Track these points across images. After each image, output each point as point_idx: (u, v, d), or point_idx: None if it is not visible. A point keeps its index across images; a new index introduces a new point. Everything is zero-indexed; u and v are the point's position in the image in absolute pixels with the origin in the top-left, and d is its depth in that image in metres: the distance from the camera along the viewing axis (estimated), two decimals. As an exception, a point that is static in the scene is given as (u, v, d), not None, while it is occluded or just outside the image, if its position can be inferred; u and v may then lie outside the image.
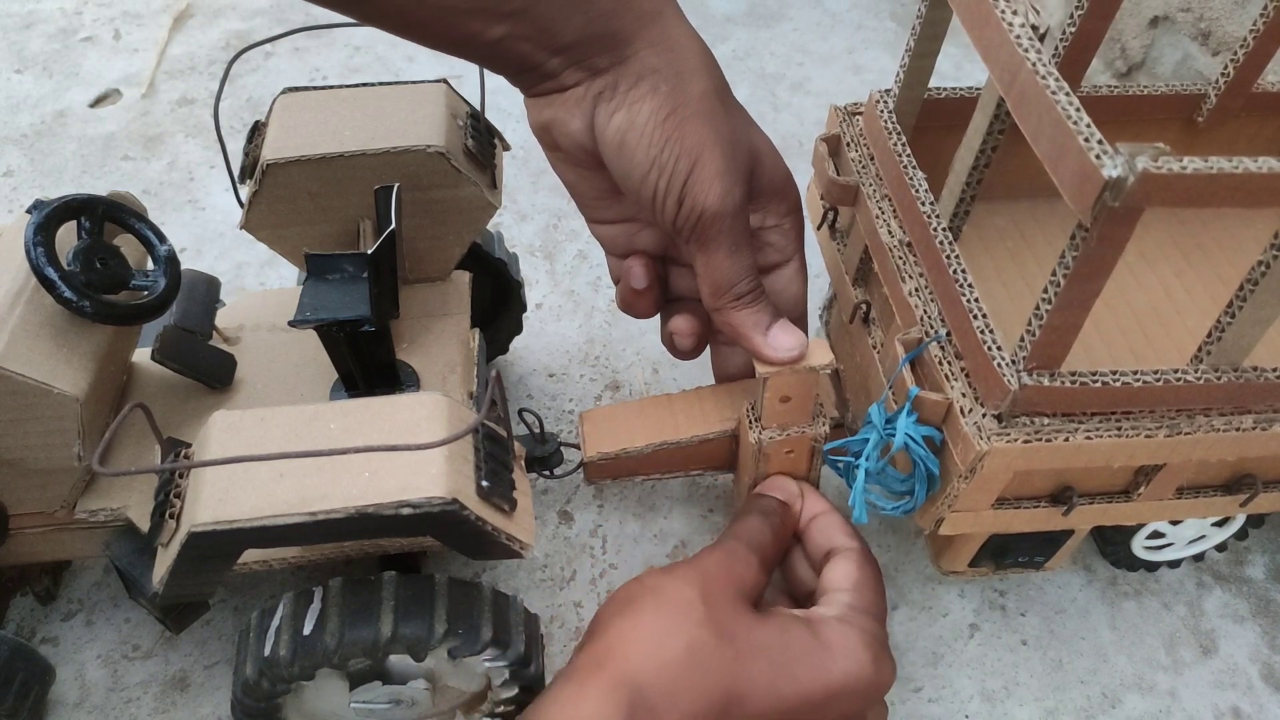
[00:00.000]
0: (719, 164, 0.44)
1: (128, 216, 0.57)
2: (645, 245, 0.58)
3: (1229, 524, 0.71)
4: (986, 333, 0.53)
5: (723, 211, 0.45)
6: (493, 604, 0.56)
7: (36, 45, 1.24)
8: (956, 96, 0.70)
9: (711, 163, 0.43)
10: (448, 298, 0.68)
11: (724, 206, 0.45)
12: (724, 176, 0.44)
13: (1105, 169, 0.40)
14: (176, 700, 0.67)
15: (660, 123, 0.42)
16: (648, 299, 0.60)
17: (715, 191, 0.44)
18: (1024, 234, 0.77)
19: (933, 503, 0.58)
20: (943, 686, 0.70)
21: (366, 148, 0.59)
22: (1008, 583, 0.76)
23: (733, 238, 0.46)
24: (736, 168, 0.45)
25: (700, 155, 0.43)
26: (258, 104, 1.17)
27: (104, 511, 0.58)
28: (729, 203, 0.45)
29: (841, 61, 1.29)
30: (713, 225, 0.45)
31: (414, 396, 0.51)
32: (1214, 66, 1.10)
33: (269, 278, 0.97)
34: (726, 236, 0.45)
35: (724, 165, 0.44)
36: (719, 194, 0.44)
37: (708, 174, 0.44)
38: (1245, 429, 0.53)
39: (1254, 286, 0.49)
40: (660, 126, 0.42)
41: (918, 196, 0.60)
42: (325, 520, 0.46)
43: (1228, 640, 0.73)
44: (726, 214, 0.45)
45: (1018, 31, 0.47)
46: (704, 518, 0.79)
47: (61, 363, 0.53)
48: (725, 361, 0.64)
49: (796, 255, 0.51)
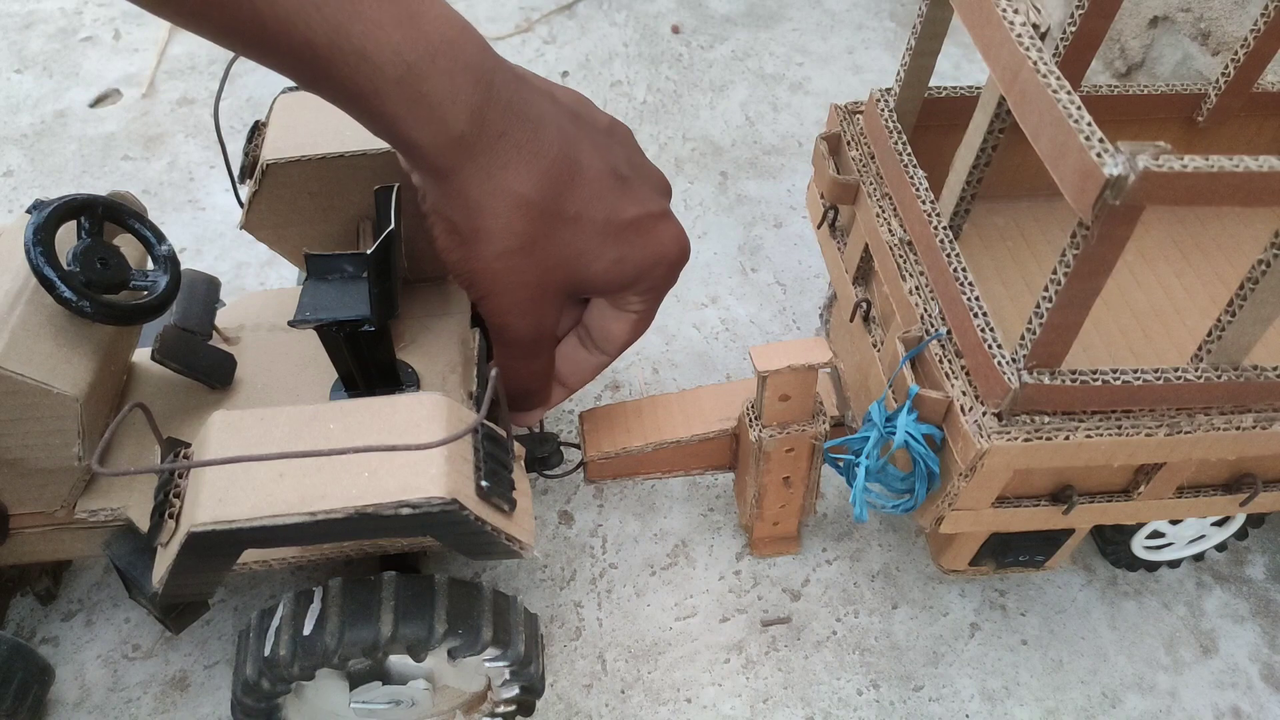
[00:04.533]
0: (503, 303, 0.41)
1: (127, 216, 0.56)
2: None
3: (1229, 524, 0.71)
4: (987, 331, 0.53)
5: (509, 340, 0.43)
6: (493, 604, 0.56)
7: (36, 45, 1.24)
8: (957, 95, 0.70)
9: (496, 300, 0.41)
10: (448, 298, 0.68)
11: (505, 337, 0.43)
12: (508, 314, 0.41)
13: (1106, 167, 0.40)
14: (176, 700, 0.67)
15: (448, 259, 0.41)
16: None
17: (498, 322, 0.42)
18: (1024, 233, 0.77)
19: (933, 501, 0.58)
20: (943, 686, 0.70)
21: (366, 148, 0.59)
22: (1008, 582, 0.76)
23: (522, 352, 0.44)
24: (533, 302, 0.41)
25: (486, 295, 0.41)
26: (258, 104, 1.17)
27: (104, 511, 0.58)
28: (508, 336, 0.43)
29: (841, 61, 1.29)
30: (498, 340, 0.44)
31: (414, 396, 0.51)
32: (1214, 66, 1.10)
33: (269, 278, 0.97)
34: (514, 350, 0.44)
35: (509, 304, 0.41)
36: (499, 327, 0.43)
37: (490, 309, 0.42)
38: (1245, 428, 0.53)
39: (1254, 285, 0.49)
40: (448, 260, 0.41)
41: (918, 195, 0.60)
42: (325, 520, 0.46)
43: (1228, 640, 0.73)
44: (513, 341, 0.43)
45: (1019, 30, 0.47)
46: (704, 517, 0.79)
47: (61, 363, 0.52)
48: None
49: (643, 310, 0.47)
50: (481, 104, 0.35)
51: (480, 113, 0.35)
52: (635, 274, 0.41)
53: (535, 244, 0.38)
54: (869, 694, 0.69)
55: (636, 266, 0.40)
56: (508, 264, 0.38)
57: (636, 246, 0.40)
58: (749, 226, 1.04)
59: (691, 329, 0.93)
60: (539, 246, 0.38)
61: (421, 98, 0.33)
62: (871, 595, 0.74)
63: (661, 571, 0.75)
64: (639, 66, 1.27)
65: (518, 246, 0.38)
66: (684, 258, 0.42)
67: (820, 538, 0.78)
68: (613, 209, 0.39)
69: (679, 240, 0.41)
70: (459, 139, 0.35)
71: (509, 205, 0.36)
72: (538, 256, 0.38)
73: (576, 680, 0.69)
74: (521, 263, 0.38)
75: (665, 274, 0.42)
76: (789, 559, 0.76)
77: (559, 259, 0.39)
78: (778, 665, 0.70)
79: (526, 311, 0.41)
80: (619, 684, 0.69)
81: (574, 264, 0.39)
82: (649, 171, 0.42)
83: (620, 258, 0.40)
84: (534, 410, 0.48)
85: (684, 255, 0.42)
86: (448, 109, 0.34)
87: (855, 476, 0.58)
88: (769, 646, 0.71)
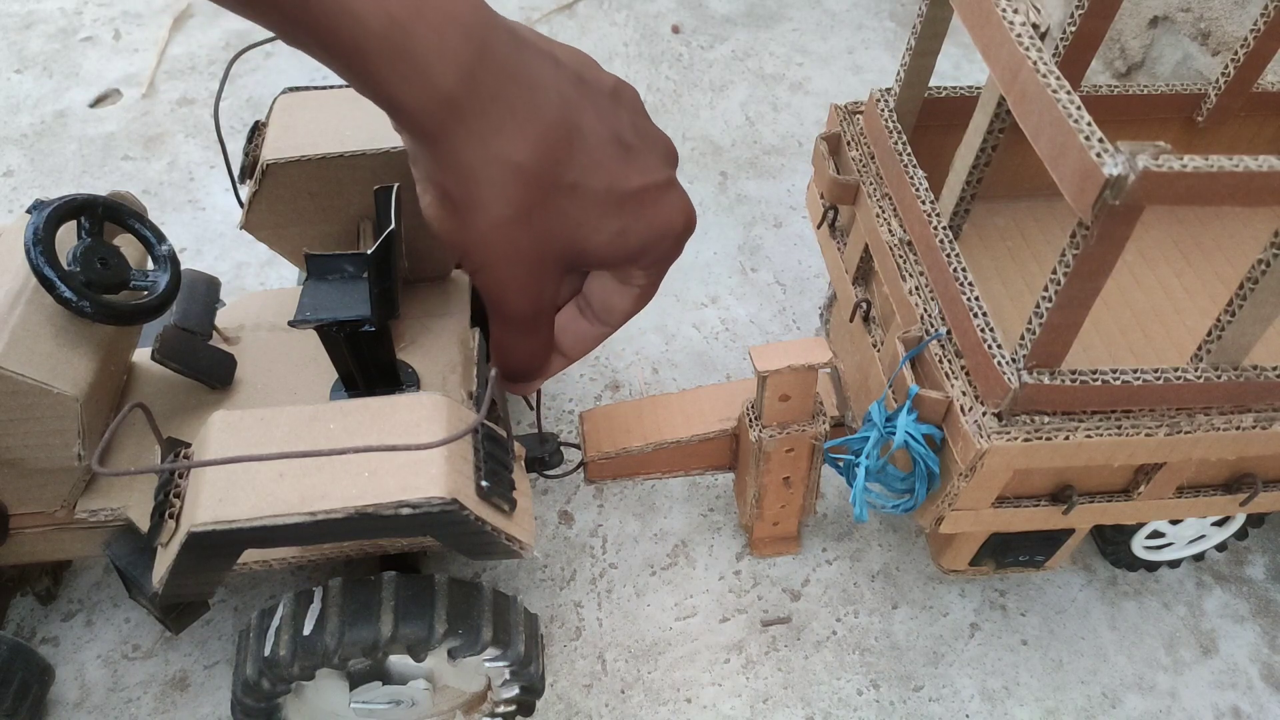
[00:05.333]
0: (499, 275, 0.40)
1: (127, 216, 0.56)
2: None
3: (1229, 523, 0.71)
4: (987, 331, 0.53)
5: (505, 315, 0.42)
6: (493, 604, 0.56)
7: (36, 45, 1.24)
8: (957, 95, 0.70)
9: (492, 272, 0.40)
10: (448, 298, 0.68)
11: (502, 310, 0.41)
12: (505, 287, 0.40)
13: (1106, 167, 0.40)
14: (176, 700, 0.67)
15: (441, 230, 0.39)
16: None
17: (494, 296, 0.41)
18: (1024, 233, 0.77)
19: (933, 501, 0.58)
20: (943, 686, 0.70)
21: (366, 148, 0.59)
22: (1008, 582, 0.76)
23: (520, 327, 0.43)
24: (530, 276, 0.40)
25: (481, 267, 0.40)
26: (258, 104, 1.17)
27: (104, 511, 0.58)
28: (506, 310, 0.41)
29: (841, 61, 1.29)
30: (494, 313, 0.42)
31: (413, 396, 0.51)
32: (1214, 66, 1.10)
33: (269, 278, 0.97)
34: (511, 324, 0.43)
35: (505, 277, 0.40)
36: (496, 300, 0.41)
37: (486, 281, 0.40)
38: (1245, 428, 0.53)
39: (1254, 285, 0.49)
40: (441, 231, 0.39)
41: (918, 195, 0.60)
42: (325, 520, 0.46)
43: (1228, 640, 0.73)
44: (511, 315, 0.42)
45: (1019, 30, 0.47)
46: (704, 517, 0.79)
47: (61, 363, 0.52)
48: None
49: (646, 284, 0.45)
50: (472, 63, 0.33)
51: (471, 72, 0.33)
52: (639, 247, 0.39)
53: (532, 214, 0.36)
54: (869, 694, 0.69)
55: (640, 239, 0.39)
56: (503, 234, 0.36)
57: (640, 218, 0.39)
58: (749, 226, 1.04)
59: (691, 329, 0.93)
60: (536, 216, 0.36)
61: (406, 54, 0.32)
62: (871, 595, 0.74)
63: (661, 571, 0.75)
64: (639, 66, 1.27)
65: (513, 216, 0.36)
66: (690, 229, 0.40)
67: (820, 538, 0.78)
68: (615, 178, 0.38)
69: (685, 212, 0.40)
70: (448, 99, 0.33)
71: (504, 172, 0.35)
72: (535, 227, 0.36)
73: (576, 680, 0.69)
74: (518, 233, 0.36)
75: (670, 247, 0.41)
76: (789, 559, 0.76)
77: (558, 230, 0.37)
78: (778, 665, 0.70)
79: (524, 284, 0.39)
80: (619, 684, 0.69)
81: (573, 235, 0.38)
82: (655, 137, 0.40)
83: (623, 230, 0.38)
84: (532, 381, 0.46)
85: (690, 227, 0.40)
86: (435, 67, 0.32)
87: (855, 476, 0.58)
88: (769, 646, 0.71)
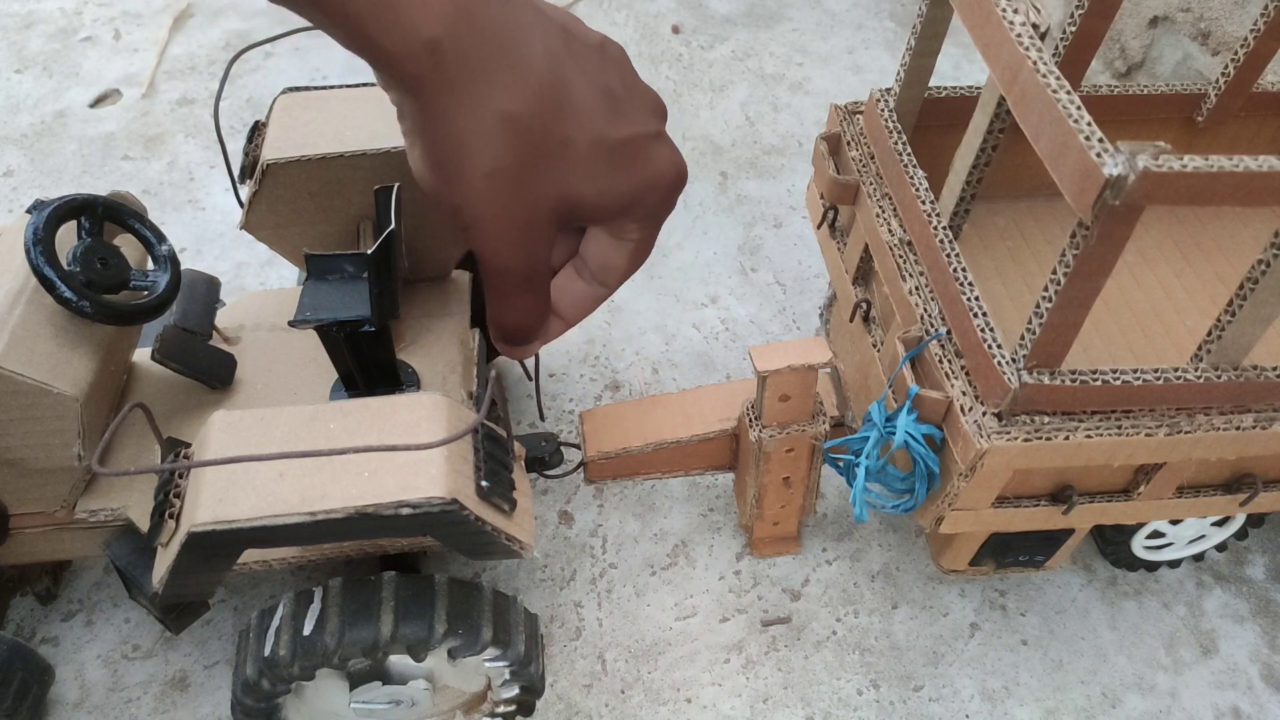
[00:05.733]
0: (491, 230, 0.39)
1: (127, 216, 0.56)
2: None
3: (1229, 524, 0.71)
4: (987, 331, 0.53)
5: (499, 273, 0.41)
6: (493, 604, 0.56)
7: (36, 45, 1.24)
8: (956, 95, 0.70)
9: (484, 228, 0.39)
10: (448, 298, 0.68)
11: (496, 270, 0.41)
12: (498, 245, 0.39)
13: (1106, 167, 0.40)
14: (176, 700, 0.67)
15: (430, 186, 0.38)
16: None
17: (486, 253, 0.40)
18: (1024, 233, 0.77)
19: (933, 501, 0.58)
20: (943, 685, 0.70)
21: (366, 148, 0.59)
22: (1008, 582, 0.76)
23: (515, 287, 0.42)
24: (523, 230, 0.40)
25: (472, 223, 0.39)
26: (258, 104, 1.17)
27: (104, 511, 0.58)
28: (499, 268, 0.40)
29: (841, 61, 1.29)
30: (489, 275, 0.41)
31: (413, 396, 0.51)
32: (1214, 66, 1.10)
33: (269, 278, 0.97)
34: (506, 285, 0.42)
35: (497, 232, 0.39)
36: (489, 259, 0.40)
37: (478, 239, 0.40)
38: (1245, 428, 0.53)
39: (1254, 285, 0.49)
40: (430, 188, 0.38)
41: (918, 195, 0.60)
42: (325, 520, 0.46)
43: (1228, 640, 0.73)
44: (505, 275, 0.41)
45: (1019, 30, 0.47)
46: (704, 517, 0.79)
47: (61, 363, 0.52)
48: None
49: (640, 238, 0.44)
50: (455, 11, 0.33)
51: (454, 21, 0.33)
52: (630, 198, 0.39)
53: (522, 167, 0.36)
54: (869, 694, 0.69)
55: (631, 190, 0.39)
56: (494, 186, 0.36)
57: (630, 169, 0.38)
58: (749, 226, 1.04)
59: (691, 329, 0.93)
60: (526, 170, 0.36)
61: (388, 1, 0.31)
62: (871, 595, 0.74)
63: (661, 571, 0.75)
64: (639, 66, 1.27)
65: (503, 168, 0.35)
66: (681, 181, 0.40)
67: (820, 538, 0.78)
68: (604, 130, 0.37)
69: (675, 162, 0.40)
70: (431, 45, 0.33)
71: (492, 123, 0.35)
72: (525, 181, 0.36)
73: (576, 680, 0.69)
74: (508, 187, 0.36)
75: (661, 199, 0.40)
76: (789, 559, 0.76)
77: (548, 183, 0.37)
78: (778, 665, 0.70)
79: (517, 239, 0.39)
80: (619, 684, 0.69)
81: (564, 188, 0.37)
82: (642, 91, 0.40)
83: (613, 181, 0.38)
84: (529, 345, 0.45)
85: (681, 179, 0.40)
86: (417, 10, 0.32)
87: (855, 476, 0.58)
88: (769, 646, 0.71)
